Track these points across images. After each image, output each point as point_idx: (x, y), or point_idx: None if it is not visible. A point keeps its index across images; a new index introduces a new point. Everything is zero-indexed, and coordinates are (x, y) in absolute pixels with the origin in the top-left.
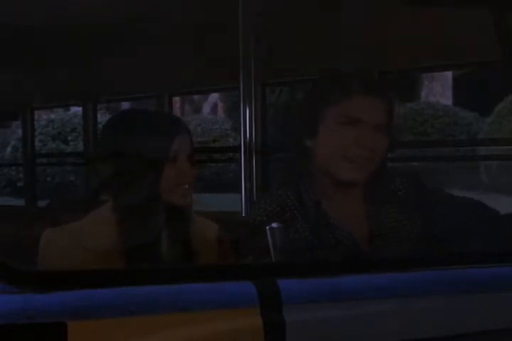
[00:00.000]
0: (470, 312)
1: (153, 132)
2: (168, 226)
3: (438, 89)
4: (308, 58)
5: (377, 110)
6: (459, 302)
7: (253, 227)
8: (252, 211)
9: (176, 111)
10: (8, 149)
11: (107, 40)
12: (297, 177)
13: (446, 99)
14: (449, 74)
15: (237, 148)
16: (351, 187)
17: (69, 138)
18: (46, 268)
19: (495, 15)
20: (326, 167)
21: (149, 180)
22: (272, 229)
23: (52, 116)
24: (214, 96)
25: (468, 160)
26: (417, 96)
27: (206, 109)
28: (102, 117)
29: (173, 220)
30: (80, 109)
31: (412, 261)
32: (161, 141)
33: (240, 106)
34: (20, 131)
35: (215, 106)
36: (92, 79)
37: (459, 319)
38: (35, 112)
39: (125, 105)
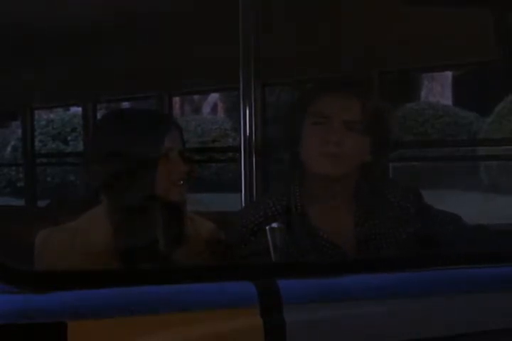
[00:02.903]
0: (470, 312)
1: (143, 131)
2: (163, 224)
3: (438, 89)
4: (307, 58)
5: (345, 107)
6: (459, 302)
7: (239, 237)
8: (238, 220)
9: (176, 111)
10: (8, 149)
11: (107, 40)
12: (287, 184)
13: (446, 99)
14: (449, 74)
15: (237, 148)
16: (340, 193)
17: (69, 138)
18: (45, 268)
19: (495, 15)
20: (308, 167)
21: (142, 179)
22: (271, 229)
23: (52, 116)
24: (214, 96)
25: (468, 160)
26: (417, 96)
27: (206, 109)
28: None
29: (168, 218)
30: (79, 109)
31: (412, 261)
32: (151, 140)
33: (239, 106)
34: (20, 131)
35: (215, 106)
36: (92, 79)
37: (459, 319)
38: (35, 112)
39: (125, 105)
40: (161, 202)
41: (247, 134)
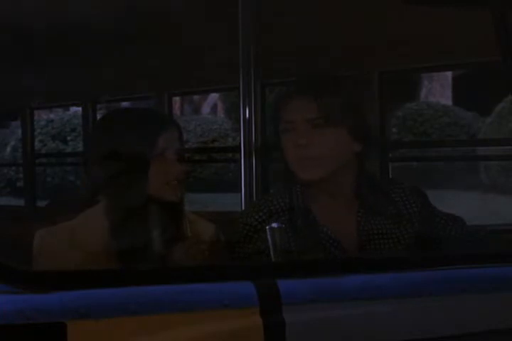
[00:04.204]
0: (470, 312)
1: (138, 131)
2: (160, 224)
3: (438, 89)
4: (308, 58)
5: (302, 106)
6: (459, 302)
7: (241, 235)
8: (241, 219)
9: (176, 111)
10: (8, 149)
11: (107, 40)
12: (289, 183)
13: (446, 99)
14: (449, 74)
15: (237, 148)
16: (338, 191)
17: (68, 138)
18: (44, 268)
19: (495, 15)
20: (294, 173)
21: (138, 179)
22: (271, 229)
23: (52, 116)
24: (214, 96)
25: (468, 160)
26: (417, 96)
27: (206, 109)
28: None
29: (165, 218)
30: (79, 109)
31: (412, 261)
32: (146, 140)
33: (239, 106)
34: (20, 131)
35: (215, 106)
36: (92, 79)
37: (459, 319)
38: (35, 112)
39: (125, 105)
40: (157, 202)
41: (247, 134)
